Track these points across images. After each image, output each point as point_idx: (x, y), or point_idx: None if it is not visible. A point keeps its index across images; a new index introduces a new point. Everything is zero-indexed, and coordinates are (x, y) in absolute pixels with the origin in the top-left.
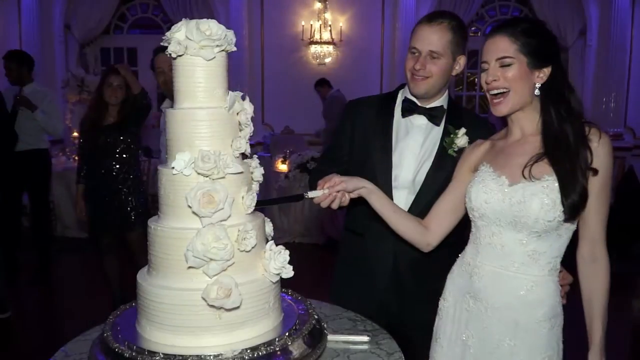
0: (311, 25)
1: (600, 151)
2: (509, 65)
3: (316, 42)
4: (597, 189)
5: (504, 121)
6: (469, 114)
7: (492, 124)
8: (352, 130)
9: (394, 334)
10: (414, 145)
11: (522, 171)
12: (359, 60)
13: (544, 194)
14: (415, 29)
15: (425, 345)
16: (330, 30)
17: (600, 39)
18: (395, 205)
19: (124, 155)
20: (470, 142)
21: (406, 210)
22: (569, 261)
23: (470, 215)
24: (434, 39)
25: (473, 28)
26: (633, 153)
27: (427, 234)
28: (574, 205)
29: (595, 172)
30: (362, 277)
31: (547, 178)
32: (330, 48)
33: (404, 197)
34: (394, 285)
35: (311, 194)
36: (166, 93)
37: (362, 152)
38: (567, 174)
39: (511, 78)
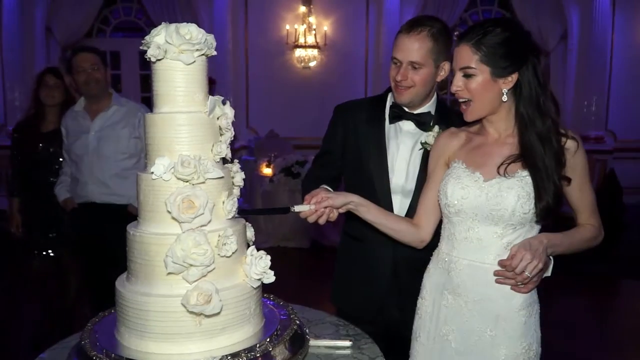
0: (296, 29)
1: (576, 162)
2: (470, 76)
3: (301, 46)
4: (580, 182)
5: None
6: (460, 117)
7: None
8: (344, 135)
9: (395, 337)
10: (404, 150)
11: (498, 169)
12: (344, 64)
13: (519, 187)
14: (396, 39)
15: None
16: (315, 34)
17: (581, 44)
18: (384, 211)
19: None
20: None
21: (403, 214)
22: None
23: (445, 211)
24: (413, 49)
25: (456, 33)
26: (614, 156)
27: (418, 232)
28: (546, 208)
29: (569, 180)
30: (362, 280)
31: (521, 173)
32: (315, 52)
33: (399, 201)
34: (393, 288)
35: (297, 208)
36: (85, 93)
37: (356, 157)
38: (541, 179)
39: (473, 89)
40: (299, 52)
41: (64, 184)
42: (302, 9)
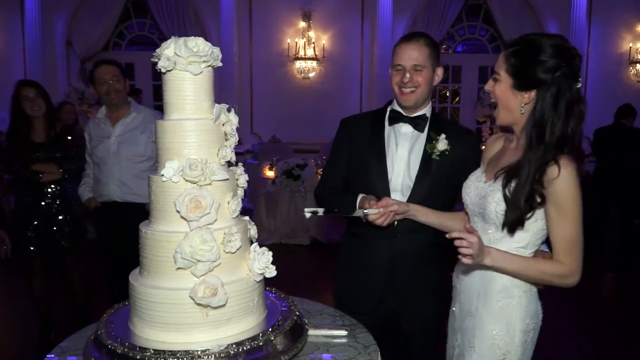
0: (296, 42)
1: (557, 185)
2: (497, 81)
3: (301, 58)
4: (554, 214)
5: None
6: (451, 123)
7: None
8: (350, 145)
9: (392, 327)
10: (402, 152)
11: (495, 174)
12: (340, 75)
13: (499, 192)
14: (396, 49)
15: (419, 337)
16: (314, 47)
17: None
18: (436, 212)
19: (54, 185)
20: (450, 149)
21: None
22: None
23: (464, 206)
24: (415, 54)
25: (444, 46)
26: (589, 159)
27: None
28: (508, 223)
29: (543, 201)
30: (362, 275)
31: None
32: (314, 63)
33: (398, 199)
34: (391, 281)
35: (369, 211)
36: (106, 102)
37: (360, 164)
38: (515, 193)
39: (497, 94)
40: (299, 64)
41: (87, 185)
42: (302, 24)
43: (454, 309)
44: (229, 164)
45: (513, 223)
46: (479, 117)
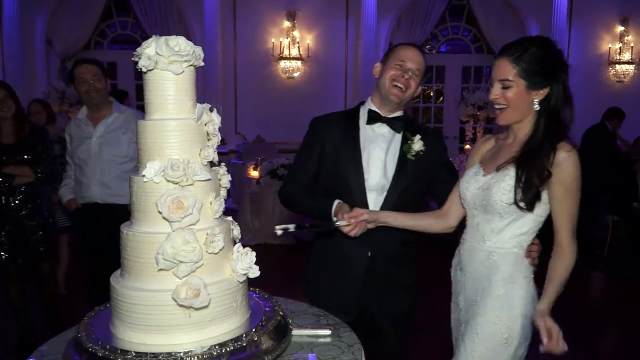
0: (280, 42)
1: (563, 164)
2: (508, 87)
3: (285, 58)
4: (561, 193)
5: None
6: (421, 125)
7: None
8: (322, 143)
9: (366, 323)
10: (379, 152)
11: (496, 167)
12: (325, 75)
13: (503, 182)
14: (401, 48)
15: (397, 333)
16: (299, 47)
17: None
18: (408, 214)
19: (24, 187)
20: (424, 149)
21: (378, 209)
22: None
23: (461, 202)
24: (420, 60)
25: (428, 46)
26: None
27: (447, 220)
28: (527, 201)
29: (549, 175)
30: (338, 274)
31: (509, 169)
32: (299, 63)
33: (374, 198)
34: (370, 278)
35: (339, 223)
36: (87, 102)
37: (334, 162)
38: (526, 177)
39: (510, 98)
40: (283, 64)
41: (67, 186)
42: (287, 23)
43: (458, 302)
44: (212, 164)
45: (531, 200)
46: (462, 116)
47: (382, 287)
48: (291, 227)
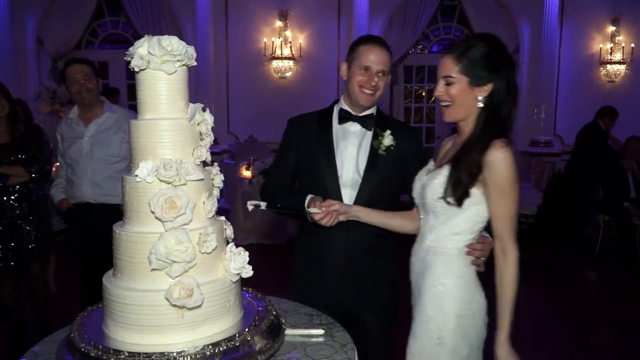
0: (272, 41)
1: (495, 164)
2: (451, 84)
3: (277, 58)
4: (494, 194)
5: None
6: (394, 122)
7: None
8: (298, 143)
9: (350, 319)
10: (352, 149)
11: (439, 163)
12: (317, 74)
13: (437, 179)
14: (362, 49)
15: (380, 327)
16: (291, 47)
17: (531, 56)
18: (379, 212)
19: (18, 186)
20: (395, 144)
21: (352, 204)
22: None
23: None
24: (384, 58)
25: (420, 46)
26: (562, 158)
27: (413, 222)
28: (457, 196)
29: (479, 171)
30: (319, 269)
31: (445, 167)
32: (291, 63)
33: (348, 194)
34: (348, 272)
35: (311, 210)
36: (78, 102)
37: (309, 160)
38: (456, 173)
39: (453, 94)
40: (275, 63)
41: (59, 186)
42: (279, 23)
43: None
44: (205, 163)
45: (460, 196)
46: None
47: (360, 281)
48: (263, 204)
